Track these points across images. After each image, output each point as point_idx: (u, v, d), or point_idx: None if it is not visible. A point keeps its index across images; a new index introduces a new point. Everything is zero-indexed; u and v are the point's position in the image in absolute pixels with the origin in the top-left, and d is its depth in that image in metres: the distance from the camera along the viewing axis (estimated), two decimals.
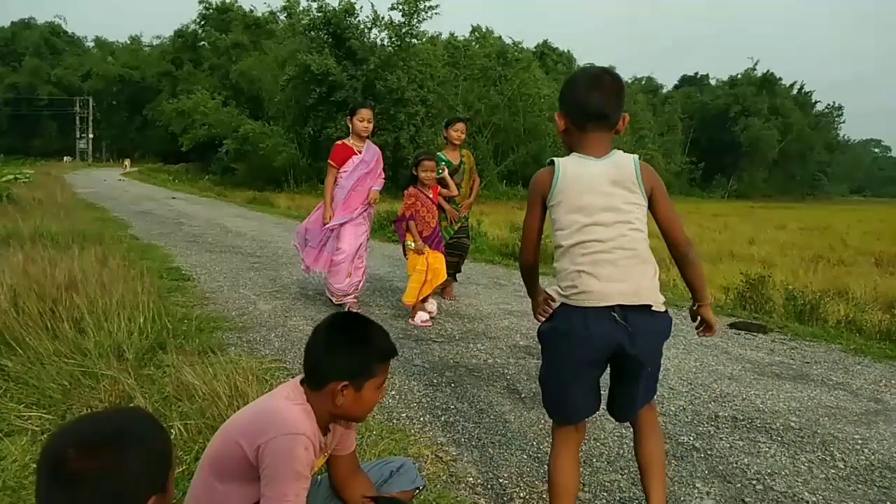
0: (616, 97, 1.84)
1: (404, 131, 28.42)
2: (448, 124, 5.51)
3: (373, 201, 4.96)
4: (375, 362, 1.68)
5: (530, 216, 1.90)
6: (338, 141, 5.04)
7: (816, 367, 4.08)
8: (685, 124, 59.33)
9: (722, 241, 17.17)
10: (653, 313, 1.78)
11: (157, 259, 6.99)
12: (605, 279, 1.73)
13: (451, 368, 3.69)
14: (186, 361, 3.47)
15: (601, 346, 1.74)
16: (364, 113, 4.90)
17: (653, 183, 1.83)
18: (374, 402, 1.73)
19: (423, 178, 4.77)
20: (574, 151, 1.86)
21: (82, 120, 55.60)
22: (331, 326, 1.67)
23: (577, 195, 1.79)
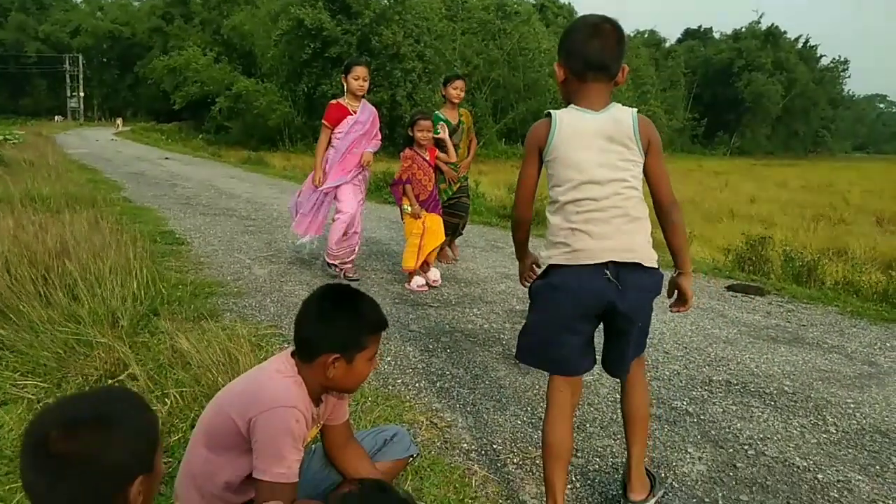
0: (616, 46, 1.79)
1: (401, 88, 27.98)
2: (446, 81, 5.32)
3: (366, 164, 4.81)
4: (366, 334, 1.67)
5: (526, 169, 1.87)
6: (332, 100, 4.88)
7: (812, 330, 4.09)
8: (688, 79, 58.42)
9: (723, 200, 17.11)
10: (644, 269, 1.79)
11: (150, 222, 6.94)
12: (598, 237, 1.74)
13: (448, 334, 3.69)
14: (181, 328, 3.47)
15: (592, 302, 1.76)
16: (359, 70, 4.70)
17: (650, 137, 1.80)
18: (366, 373, 1.72)
19: (419, 138, 4.62)
20: (572, 103, 1.83)
21: (72, 78, 54.62)
22: (321, 298, 1.64)
23: (573, 151, 1.78)
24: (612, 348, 1.90)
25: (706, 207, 15.46)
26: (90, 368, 2.78)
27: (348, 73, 4.71)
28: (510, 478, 2.21)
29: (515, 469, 2.27)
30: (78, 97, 54.94)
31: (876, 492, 2.18)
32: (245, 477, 1.60)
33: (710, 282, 5.38)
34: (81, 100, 55.27)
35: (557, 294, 1.79)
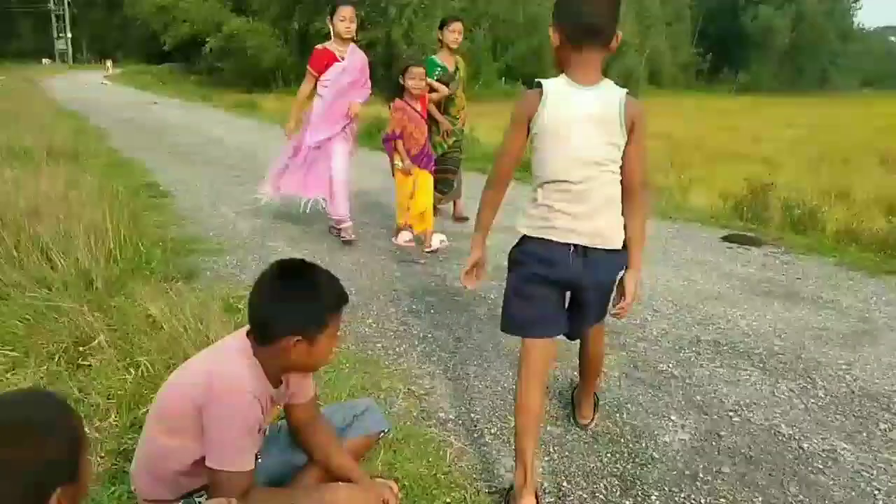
0: (612, 10, 1.78)
1: (396, 26, 27.01)
2: (442, 24, 4.92)
3: (353, 115, 4.47)
4: (327, 312, 1.58)
5: (513, 136, 1.85)
6: (317, 45, 4.53)
7: (807, 284, 4.00)
8: (694, 13, 56.54)
9: (726, 141, 16.77)
10: (611, 251, 1.84)
11: (134, 174, 6.77)
12: (571, 219, 1.80)
13: (433, 293, 3.60)
14: (158, 289, 3.38)
15: (558, 274, 1.83)
16: (345, 11, 4.33)
17: (635, 119, 1.80)
18: (330, 352, 1.65)
19: (410, 86, 4.25)
20: (565, 70, 1.82)
21: (58, 18, 52.84)
22: (276, 277, 1.54)
23: (559, 128, 1.78)
24: (573, 316, 1.96)
25: (708, 148, 15.17)
26: (60, 336, 2.69)
27: (333, 15, 4.35)
28: (486, 449, 2.16)
29: (493, 440, 2.21)
30: (66, 38, 53.27)
31: (861, 461, 2.13)
32: (198, 461, 1.53)
33: (706, 232, 5.26)
34: (69, 41, 53.63)
35: (528, 259, 1.86)
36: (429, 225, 4.38)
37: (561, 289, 1.90)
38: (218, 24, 30.56)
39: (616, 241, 1.84)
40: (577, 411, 2.33)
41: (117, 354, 2.56)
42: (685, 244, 4.85)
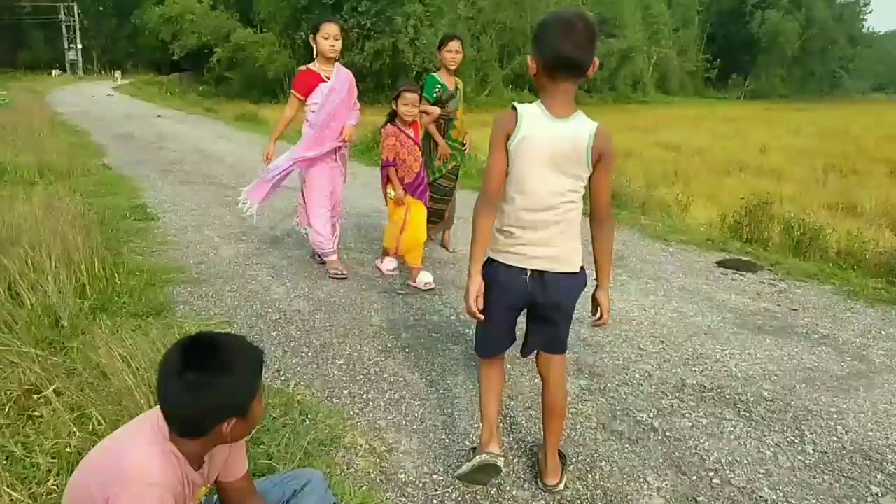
0: (589, 45, 1.83)
1: (402, 34, 27.01)
2: (441, 44, 4.66)
3: (348, 139, 4.23)
4: (253, 381, 1.46)
5: (496, 157, 1.91)
6: (300, 67, 4.29)
7: (803, 316, 3.84)
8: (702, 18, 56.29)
9: (732, 150, 16.58)
10: (567, 273, 1.96)
11: (124, 194, 6.70)
12: (531, 244, 1.92)
13: (410, 328, 3.48)
14: (125, 327, 3.29)
15: (515, 297, 1.98)
16: (329, 28, 4.04)
17: (602, 151, 1.88)
18: (262, 410, 1.55)
19: (402, 112, 4.00)
20: (541, 97, 1.90)
21: (69, 29, 53.32)
22: (186, 368, 1.38)
23: (529, 157, 1.87)
24: (537, 331, 2.09)
25: (714, 159, 14.97)
26: (11, 384, 2.58)
27: (317, 33, 4.06)
28: None
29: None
30: (76, 49, 53.70)
31: None
32: None
33: (701, 256, 5.10)
34: (80, 52, 54.03)
35: (487, 281, 1.96)
36: (418, 262, 4.18)
37: (517, 310, 2.05)
38: (226, 34, 30.78)
39: (573, 264, 1.96)
40: (543, 473, 2.17)
41: (69, 405, 2.45)
42: (678, 270, 4.70)
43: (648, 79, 46.57)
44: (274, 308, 3.69)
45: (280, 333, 3.34)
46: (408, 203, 4.09)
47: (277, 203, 6.40)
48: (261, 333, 3.33)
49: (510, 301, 1.99)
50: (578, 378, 2.94)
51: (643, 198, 7.80)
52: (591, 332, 3.47)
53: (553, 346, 2.11)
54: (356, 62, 27.59)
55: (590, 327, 3.55)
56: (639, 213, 6.90)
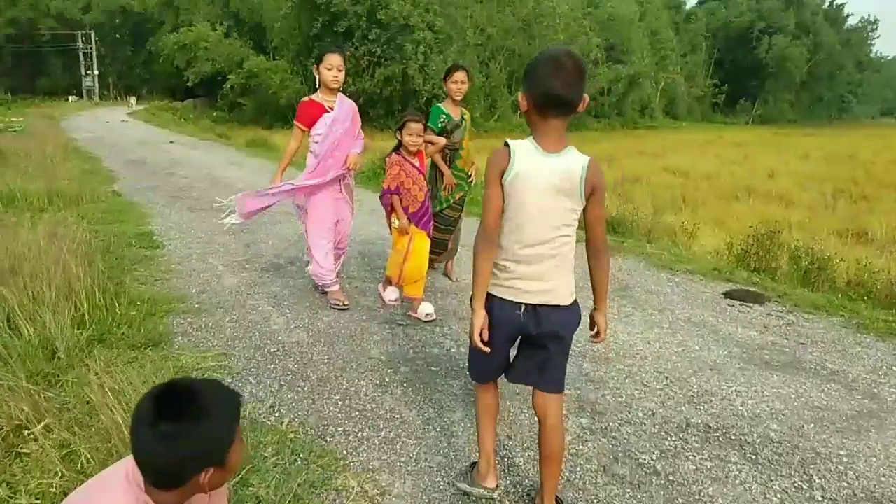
0: (578, 83, 1.86)
1: (412, 61, 27.31)
2: (447, 74, 4.63)
3: (353, 167, 4.20)
4: (231, 427, 1.42)
5: (492, 193, 1.95)
6: (303, 98, 4.28)
7: (812, 350, 3.75)
8: (709, 44, 56.67)
9: (740, 175, 16.52)
10: (562, 307, 2.00)
11: (132, 221, 6.73)
12: (525, 278, 1.97)
13: (409, 361, 3.43)
14: (122, 359, 3.27)
15: (509, 329, 2.03)
16: (333, 59, 4.04)
17: (594, 185, 1.92)
18: (240, 456, 1.49)
19: (407, 142, 3.99)
20: (532, 133, 1.95)
21: (86, 56, 54.43)
22: (158, 418, 1.34)
23: (523, 192, 1.91)
24: (526, 354, 2.11)
25: (722, 184, 14.91)
26: (1, 420, 2.55)
27: (320, 63, 4.07)
28: None
29: None
30: (92, 75, 54.78)
31: None
32: None
33: (708, 286, 5.03)
34: (96, 78, 55.12)
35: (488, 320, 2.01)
36: (419, 293, 4.14)
37: (512, 341, 2.10)
38: (239, 61, 31.29)
39: (566, 298, 2.00)
40: None
41: (58, 442, 2.42)
42: (684, 301, 4.63)
43: (656, 104, 46.77)
44: (273, 340, 3.66)
45: (277, 366, 3.30)
46: (411, 232, 4.06)
47: (282, 230, 6.43)
48: (258, 366, 3.30)
49: (505, 334, 2.04)
50: (580, 416, 2.88)
51: (649, 225, 7.74)
52: (594, 367, 3.41)
53: (544, 380, 2.08)
54: (366, 88, 27.92)
55: (593, 361, 3.49)
56: (644, 241, 6.85)
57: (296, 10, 28.48)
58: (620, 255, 5.99)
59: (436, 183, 4.62)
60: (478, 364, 2.19)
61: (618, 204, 11.43)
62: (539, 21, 35.41)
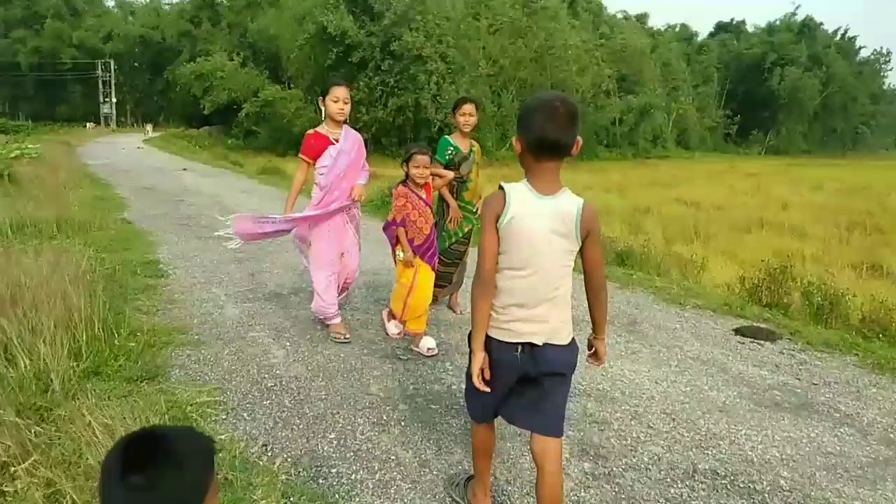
0: (571, 127, 1.90)
1: (425, 91, 27.66)
2: (455, 107, 4.61)
3: (357, 198, 4.16)
4: (204, 477, 1.35)
5: (488, 237, 1.98)
6: (309, 130, 4.26)
7: (824, 391, 3.63)
8: (721, 75, 56.96)
9: (753, 206, 16.40)
10: (559, 346, 2.01)
11: (139, 249, 6.74)
12: (523, 319, 1.98)
13: (408, 399, 3.35)
14: (117, 392, 3.23)
15: (508, 370, 2.03)
16: (339, 91, 4.03)
17: (590, 227, 1.96)
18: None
19: (414, 175, 3.93)
20: (527, 176, 1.98)
21: (105, 84, 55.69)
22: (127, 471, 1.27)
23: (519, 235, 1.94)
24: (521, 391, 2.08)
25: (734, 215, 14.79)
26: None
27: (326, 95, 4.05)
28: None
29: None
30: (110, 103, 55.97)
31: None
32: None
33: (718, 322, 4.92)
34: (114, 105, 56.30)
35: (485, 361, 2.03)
36: (422, 327, 4.06)
37: (510, 382, 2.07)
38: (255, 90, 31.85)
39: (564, 337, 2.02)
40: None
41: (44, 480, 2.36)
42: (693, 338, 4.52)
43: (668, 134, 46.88)
44: (271, 374, 3.60)
45: (273, 402, 3.24)
46: (416, 265, 4.00)
47: (288, 259, 6.41)
48: (253, 402, 3.23)
49: (504, 375, 2.04)
50: (582, 460, 2.78)
51: (659, 257, 7.65)
52: (598, 407, 3.31)
53: (542, 423, 2.06)
54: (379, 117, 28.30)
55: (598, 401, 3.39)
56: (654, 273, 6.75)
57: (311, 41, 29.03)
58: (629, 289, 5.91)
59: (442, 215, 4.59)
60: (476, 406, 2.21)
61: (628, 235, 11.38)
62: (550, 52, 35.82)
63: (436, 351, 3.97)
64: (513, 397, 2.10)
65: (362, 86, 28.24)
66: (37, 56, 52.72)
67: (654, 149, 44.04)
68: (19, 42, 53.23)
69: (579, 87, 37.79)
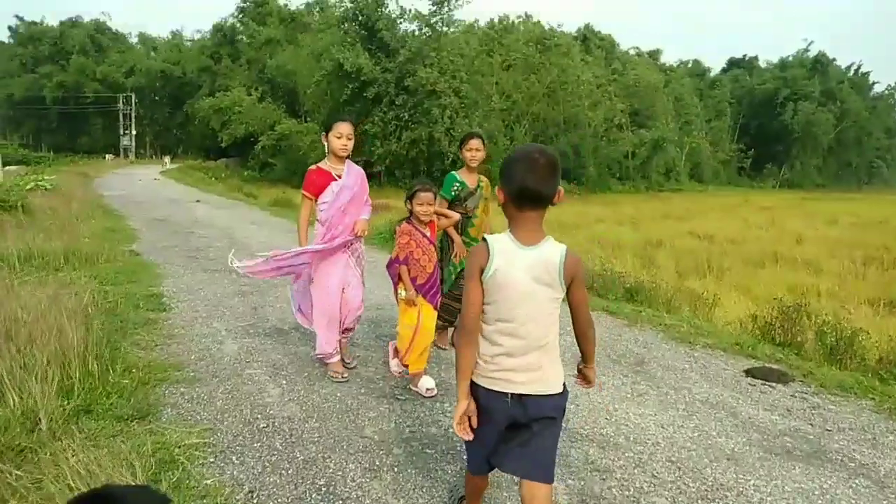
0: (551, 178, 1.96)
1: (439, 124, 27.95)
2: (462, 142, 4.61)
3: (360, 233, 4.09)
4: None
5: (472, 288, 2.03)
6: (311, 166, 4.19)
7: (838, 438, 3.48)
8: (734, 109, 57.11)
9: (767, 240, 16.21)
10: (550, 395, 2.03)
11: (144, 282, 6.74)
12: (512, 369, 2.00)
13: (404, 442, 3.24)
14: (106, 432, 3.16)
15: (497, 418, 2.04)
16: (342, 128, 4.01)
17: (573, 273, 2.00)
18: None
19: (418, 212, 3.88)
20: (510, 225, 2.04)
21: (125, 116, 56.99)
22: None
23: (504, 287, 1.98)
24: (509, 437, 2.07)
25: (748, 249, 14.61)
26: None
27: (329, 131, 4.02)
28: None
29: None
30: (130, 135, 57.18)
31: None
32: None
33: (728, 363, 4.78)
34: (133, 137, 57.50)
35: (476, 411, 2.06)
36: (422, 366, 3.97)
37: (499, 432, 2.07)
38: (271, 124, 32.40)
39: (553, 386, 2.03)
40: None
41: None
42: (702, 379, 4.38)
43: (682, 167, 46.85)
44: (264, 414, 3.52)
45: (264, 445, 3.15)
46: (419, 304, 3.92)
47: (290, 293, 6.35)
48: (243, 444, 3.14)
49: (494, 423, 2.05)
50: None
51: (670, 292, 7.50)
52: (601, 454, 3.18)
53: (530, 467, 2.05)
54: (393, 150, 28.63)
55: (601, 447, 3.27)
56: (664, 310, 6.61)
57: (328, 77, 29.62)
58: (637, 326, 5.78)
59: (449, 249, 4.54)
60: (472, 455, 2.22)
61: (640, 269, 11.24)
62: (563, 88, 36.16)
63: (435, 391, 3.87)
64: (501, 442, 2.10)
65: (377, 120, 28.67)
66: (61, 90, 54.18)
67: (667, 182, 43.99)
68: (45, 77, 54.80)
69: (592, 121, 38.03)
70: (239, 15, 49.18)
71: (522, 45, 35.98)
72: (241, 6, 48.54)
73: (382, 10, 29.77)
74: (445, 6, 29.33)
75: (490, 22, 40.43)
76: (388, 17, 29.73)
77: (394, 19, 29.90)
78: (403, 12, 29.94)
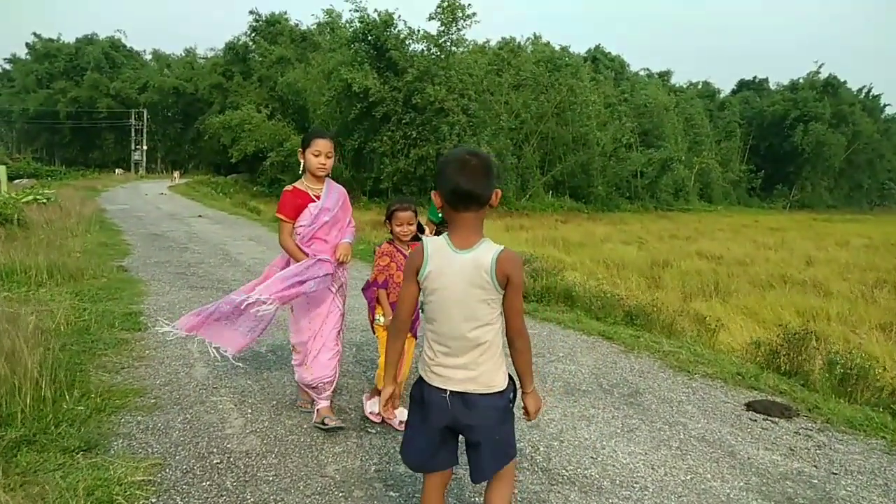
0: (484, 178, 1.96)
1: (447, 142, 27.90)
2: None
3: (343, 259, 3.65)
4: None
5: (407, 288, 2.11)
6: (287, 187, 3.73)
7: (846, 483, 3.17)
8: (744, 130, 56.80)
9: (776, 262, 15.84)
10: (488, 393, 2.03)
11: (125, 299, 6.53)
12: (449, 367, 2.04)
13: (366, 483, 2.98)
14: (46, 466, 2.92)
15: (437, 416, 2.05)
16: (321, 144, 3.56)
17: (508, 273, 1.97)
18: None
19: (397, 233, 3.63)
20: (449, 229, 2.05)
21: (137, 132, 57.55)
22: None
23: (436, 289, 2.03)
24: (470, 457, 2.11)
25: (756, 271, 14.25)
26: None
27: (307, 148, 3.57)
28: None
29: None
30: (141, 150, 57.70)
31: None
32: None
33: (729, 395, 4.48)
34: (144, 152, 58.02)
35: (415, 399, 2.14)
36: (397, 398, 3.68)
37: (442, 430, 2.07)
38: (280, 140, 32.51)
39: (495, 384, 2.04)
40: None
41: None
42: (699, 413, 4.09)
43: (691, 187, 46.49)
44: (220, 447, 3.26)
45: (213, 484, 2.89)
46: None
47: None
48: (191, 483, 2.89)
49: (434, 418, 2.06)
50: None
51: (672, 316, 7.19)
52: (582, 499, 2.90)
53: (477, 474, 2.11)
54: (401, 167, 28.66)
55: (583, 491, 2.98)
56: (663, 336, 6.31)
57: (337, 97, 29.80)
58: (634, 353, 5.48)
59: None
60: (406, 441, 2.18)
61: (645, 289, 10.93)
62: (572, 107, 36.11)
63: None
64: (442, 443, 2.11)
65: (385, 139, 28.83)
66: (75, 105, 54.84)
67: (676, 202, 43.59)
68: (60, 92, 55.54)
69: (600, 140, 37.84)
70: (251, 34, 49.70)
71: (532, 65, 36.00)
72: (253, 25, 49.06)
73: (391, 31, 29.91)
74: (454, 26, 29.43)
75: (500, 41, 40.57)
76: (396, 36, 29.85)
77: (402, 39, 30.02)
78: (412, 32, 30.04)
